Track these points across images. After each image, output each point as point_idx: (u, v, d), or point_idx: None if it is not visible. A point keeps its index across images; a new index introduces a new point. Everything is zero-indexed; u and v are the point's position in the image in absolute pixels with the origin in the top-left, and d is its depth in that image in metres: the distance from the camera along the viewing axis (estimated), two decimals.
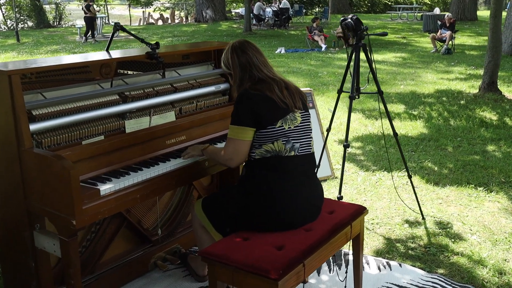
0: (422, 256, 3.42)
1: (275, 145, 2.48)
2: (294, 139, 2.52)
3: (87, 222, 2.26)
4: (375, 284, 3.07)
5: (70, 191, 2.17)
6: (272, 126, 2.47)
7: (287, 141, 2.50)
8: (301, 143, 2.55)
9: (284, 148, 2.49)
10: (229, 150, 2.52)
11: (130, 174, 2.55)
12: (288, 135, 2.51)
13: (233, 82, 2.69)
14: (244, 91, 2.53)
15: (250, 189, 2.51)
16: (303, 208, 2.53)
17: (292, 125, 2.53)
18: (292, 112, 2.54)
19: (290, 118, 2.52)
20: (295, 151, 2.52)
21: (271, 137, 2.48)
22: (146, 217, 3.24)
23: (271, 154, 2.48)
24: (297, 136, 2.54)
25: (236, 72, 2.62)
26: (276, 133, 2.48)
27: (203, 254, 2.34)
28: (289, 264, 2.21)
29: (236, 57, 2.64)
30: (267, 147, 2.48)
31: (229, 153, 2.52)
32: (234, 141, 2.50)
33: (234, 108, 2.54)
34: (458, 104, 7.98)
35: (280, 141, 2.48)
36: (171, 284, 3.10)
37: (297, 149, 2.53)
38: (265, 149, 2.48)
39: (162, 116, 3.01)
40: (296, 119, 2.55)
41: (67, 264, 2.34)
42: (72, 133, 2.61)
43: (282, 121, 2.49)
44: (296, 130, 2.54)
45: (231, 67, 2.65)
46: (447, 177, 4.89)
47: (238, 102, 2.53)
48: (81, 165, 2.46)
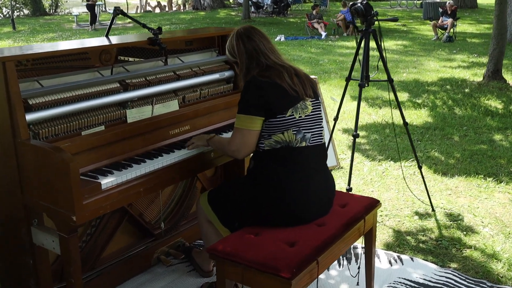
0: (434, 250, 3.31)
1: (285, 136, 2.35)
2: (305, 129, 2.39)
3: (88, 218, 2.13)
4: (386, 279, 2.96)
5: (69, 185, 2.04)
6: (282, 115, 2.34)
7: (298, 131, 2.36)
8: (312, 133, 2.42)
9: (294, 139, 2.36)
10: (236, 140, 2.39)
11: (133, 167, 2.42)
12: (299, 124, 2.38)
13: (239, 70, 2.54)
14: (252, 78, 2.39)
15: (260, 182, 2.38)
16: (315, 201, 2.40)
17: (303, 114, 2.39)
18: (303, 101, 2.40)
19: (301, 106, 2.39)
20: (306, 141, 2.39)
21: (281, 127, 2.34)
22: (148, 210, 3.11)
23: (281, 145, 2.35)
24: (308, 126, 2.41)
25: (243, 60, 2.48)
26: (286, 122, 2.35)
27: (211, 251, 2.22)
28: (302, 262, 2.09)
29: (242, 44, 2.49)
30: (277, 137, 2.35)
31: (236, 144, 2.39)
32: (242, 131, 2.36)
33: (242, 96, 2.40)
34: (462, 92, 7.85)
35: (290, 131, 2.35)
36: (175, 280, 2.98)
37: (308, 140, 2.40)
38: (274, 139, 2.35)
39: (165, 105, 2.88)
40: (307, 108, 2.42)
41: (67, 262, 2.21)
42: (71, 123, 2.47)
43: (292, 110, 2.36)
44: (307, 120, 2.41)
45: (236, 55, 2.51)
46: (455, 167, 4.78)
47: (246, 90, 2.39)
48: (80, 157, 2.32)
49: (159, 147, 2.69)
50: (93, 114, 2.58)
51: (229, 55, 2.56)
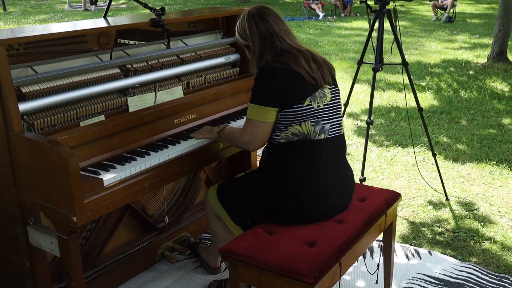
0: (452, 242, 3.15)
1: (303, 127, 2.15)
2: (324, 119, 2.20)
3: (89, 218, 1.95)
4: (405, 275, 2.80)
5: (68, 183, 1.85)
6: (299, 105, 2.14)
7: (317, 122, 2.17)
8: (331, 124, 2.23)
9: (313, 131, 2.16)
10: (248, 132, 2.19)
11: (137, 160, 2.22)
12: (318, 115, 2.18)
13: (251, 55, 2.32)
14: (266, 64, 2.18)
15: (275, 177, 2.19)
16: (335, 197, 2.22)
17: (322, 103, 2.20)
18: (321, 88, 2.21)
19: (319, 95, 2.19)
20: (325, 133, 2.20)
21: (298, 118, 2.15)
22: (151, 203, 2.93)
23: (298, 138, 2.16)
24: (327, 116, 2.22)
25: (255, 43, 2.27)
26: (304, 113, 2.15)
27: (224, 252, 2.04)
28: (325, 264, 1.92)
29: (255, 25, 2.28)
30: (294, 129, 2.16)
31: (248, 136, 2.19)
32: (254, 123, 2.17)
33: (255, 84, 2.19)
34: (467, 74, 7.67)
35: (308, 122, 2.16)
36: (181, 277, 2.81)
37: (327, 131, 2.20)
38: (291, 131, 2.16)
39: (168, 92, 2.67)
40: (325, 96, 2.22)
41: (67, 265, 2.03)
42: (68, 112, 2.28)
43: (310, 99, 2.16)
44: (326, 109, 2.21)
45: (248, 38, 2.29)
46: (465, 153, 4.61)
47: (260, 77, 2.18)
48: (80, 151, 2.13)
49: (163, 138, 2.49)
50: (92, 103, 2.38)
51: (239, 38, 2.35)
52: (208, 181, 3.33)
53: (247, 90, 3.01)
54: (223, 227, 2.45)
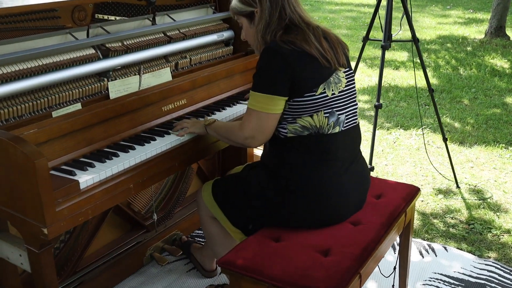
0: (467, 236, 2.89)
1: (315, 119, 1.84)
2: (339, 109, 1.88)
3: (64, 228, 1.63)
4: (421, 275, 2.54)
5: (36, 188, 1.53)
6: (311, 93, 1.81)
7: (331, 113, 1.85)
8: (347, 114, 1.91)
9: (327, 123, 1.85)
10: (251, 125, 1.85)
11: (119, 156, 1.90)
12: (332, 104, 1.86)
13: (254, 25, 1.93)
14: (273, 45, 1.83)
15: (282, 177, 1.88)
16: (351, 197, 1.93)
17: (336, 90, 1.88)
18: (336, 72, 1.88)
19: (334, 80, 1.87)
20: (340, 125, 1.88)
21: (310, 109, 1.82)
22: (137, 199, 2.62)
23: (309, 132, 1.84)
24: (343, 105, 1.90)
25: (264, 8, 1.87)
26: (316, 102, 1.83)
27: (223, 265, 1.74)
28: (344, 278, 1.63)
29: None
30: (304, 121, 1.84)
31: (251, 130, 1.85)
32: (259, 115, 1.83)
33: (259, 68, 1.84)
34: (464, 51, 7.39)
35: (321, 113, 1.84)
36: (173, 282, 2.52)
37: (342, 123, 1.89)
38: (300, 124, 1.84)
39: (155, 75, 2.35)
40: (340, 82, 1.90)
41: (39, 282, 1.72)
42: (38, 101, 1.95)
43: (324, 86, 1.84)
44: (341, 97, 1.89)
45: (256, 2, 1.90)
46: (471, 135, 4.35)
47: (265, 60, 1.83)
48: (52, 146, 1.81)
49: (150, 128, 2.17)
50: (66, 89, 2.05)
51: (240, 4, 1.96)
52: (199, 172, 3.03)
53: (243, 71, 2.69)
54: (219, 229, 2.15)
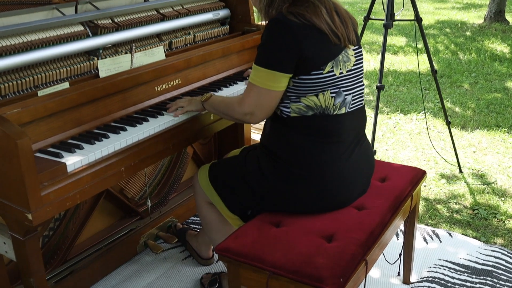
0: (472, 221, 2.80)
1: (321, 99, 1.72)
2: (346, 89, 1.76)
3: (50, 214, 1.52)
4: (425, 262, 2.45)
5: (19, 170, 1.42)
6: (318, 71, 1.70)
7: (338, 94, 1.74)
8: (353, 95, 1.80)
9: (332, 104, 1.74)
10: (251, 101, 1.73)
11: (110, 137, 1.79)
12: (339, 84, 1.74)
13: None
14: (281, 17, 1.69)
15: (284, 160, 1.77)
16: (356, 181, 1.83)
17: (345, 69, 1.76)
18: (345, 50, 1.76)
19: (342, 58, 1.75)
20: (347, 106, 1.77)
21: (316, 87, 1.71)
22: (130, 184, 2.51)
23: (314, 112, 1.73)
24: (350, 85, 1.78)
25: None
26: (323, 81, 1.71)
27: (221, 251, 1.64)
28: (349, 265, 1.53)
29: None
30: (309, 101, 1.73)
31: (251, 105, 1.74)
32: (260, 91, 1.71)
33: (263, 42, 1.71)
34: (463, 36, 7.28)
35: (327, 93, 1.72)
36: (168, 270, 2.42)
37: (348, 104, 1.78)
38: (305, 103, 1.73)
39: (147, 53, 2.23)
40: (349, 60, 1.78)
41: (25, 271, 1.62)
42: (23, 79, 1.83)
43: (332, 64, 1.72)
44: (348, 77, 1.77)
45: None
46: (472, 120, 4.26)
47: (270, 33, 1.69)
48: (37, 127, 1.69)
49: (143, 109, 2.06)
50: (52, 67, 1.94)
51: None
52: (195, 157, 2.92)
53: (240, 50, 2.57)
54: (216, 215, 2.05)
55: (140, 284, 2.33)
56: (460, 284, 2.29)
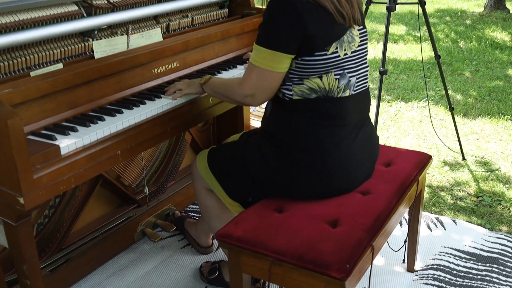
0: (476, 209, 2.75)
1: (324, 81, 1.66)
2: (350, 71, 1.70)
3: (43, 197, 1.46)
4: (429, 249, 2.40)
5: (10, 152, 1.35)
6: (322, 52, 1.63)
7: (342, 75, 1.67)
8: (358, 77, 1.73)
9: (337, 86, 1.67)
10: (252, 82, 1.66)
11: (105, 120, 1.73)
12: (344, 66, 1.68)
13: None
14: None
15: (286, 143, 1.71)
16: (361, 165, 1.76)
17: (349, 50, 1.69)
18: (350, 30, 1.69)
19: (347, 39, 1.68)
20: (351, 89, 1.71)
21: (320, 69, 1.64)
22: (128, 171, 2.45)
23: (317, 95, 1.67)
24: (354, 67, 1.71)
25: None
26: (327, 63, 1.64)
27: (222, 237, 1.58)
28: (355, 251, 1.48)
29: None
30: (312, 83, 1.66)
31: (251, 87, 1.67)
32: (261, 72, 1.64)
33: (265, 21, 1.64)
34: (464, 24, 7.21)
35: (331, 74, 1.66)
36: (166, 259, 2.36)
37: (352, 86, 1.71)
38: (308, 86, 1.66)
39: (144, 35, 2.16)
40: (354, 41, 1.71)
41: (18, 258, 1.55)
42: (14, 60, 1.76)
43: (337, 45, 1.65)
44: (353, 58, 1.71)
45: None
46: (474, 107, 4.20)
47: (273, 12, 1.62)
48: (29, 109, 1.62)
49: (140, 92, 1.99)
50: (45, 48, 1.86)
51: None
52: (194, 144, 2.85)
53: (239, 34, 2.50)
54: (215, 201, 1.98)
55: (137, 273, 2.27)
56: (466, 271, 2.24)
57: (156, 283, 2.21)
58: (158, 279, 2.23)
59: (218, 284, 2.16)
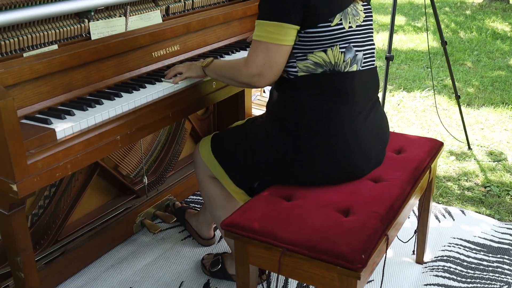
0: (485, 199, 2.67)
1: (329, 55, 1.58)
2: (356, 45, 1.62)
3: (37, 185, 1.37)
4: (438, 241, 2.32)
5: (2, 135, 1.26)
6: (326, 23, 1.55)
7: (348, 49, 1.60)
8: (364, 53, 1.66)
9: (342, 60, 1.59)
10: (258, 60, 1.57)
11: (103, 104, 1.63)
12: (349, 39, 1.60)
13: None
14: None
15: (293, 124, 1.62)
16: (372, 148, 1.68)
17: (354, 23, 1.62)
18: (354, 3, 1.62)
19: (351, 11, 1.61)
20: (358, 64, 1.63)
21: (324, 42, 1.57)
22: (126, 161, 2.36)
23: (323, 69, 1.59)
24: (360, 42, 1.64)
25: None
26: (331, 35, 1.57)
27: (228, 227, 1.49)
28: (371, 240, 1.39)
29: None
30: (316, 57, 1.58)
31: (259, 65, 1.57)
32: (267, 47, 1.56)
33: None
34: (463, 14, 7.13)
35: (337, 47, 1.58)
36: (167, 251, 2.27)
37: (360, 62, 1.63)
38: (313, 60, 1.58)
39: (143, 18, 2.06)
40: (358, 15, 1.64)
41: (11, 250, 1.46)
42: (6, 41, 1.66)
43: (341, 16, 1.58)
44: (358, 32, 1.64)
45: None
46: (477, 97, 4.12)
47: None
48: (23, 91, 1.53)
49: (139, 76, 1.90)
50: (39, 29, 1.76)
51: None
52: (193, 133, 2.76)
53: (242, 17, 2.41)
54: (220, 190, 1.90)
55: (137, 266, 2.18)
56: (477, 263, 2.17)
57: (156, 276, 2.12)
58: (158, 272, 2.15)
59: (221, 277, 2.07)
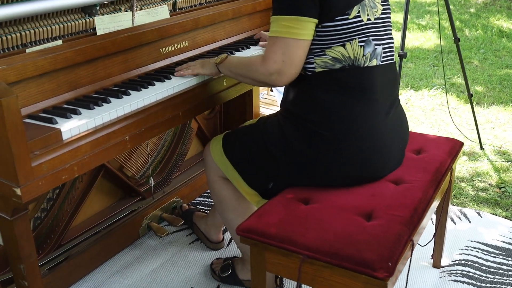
0: (500, 200, 2.60)
1: (348, 49, 1.50)
2: (376, 38, 1.55)
3: (42, 188, 1.29)
4: (455, 243, 2.24)
5: (5, 136, 1.18)
6: (344, 16, 1.48)
7: (367, 42, 1.52)
8: (384, 47, 1.58)
9: (362, 54, 1.52)
10: (277, 56, 1.49)
11: (111, 102, 1.55)
12: (368, 32, 1.53)
13: None
14: None
15: (310, 122, 1.54)
16: (393, 146, 1.60)
17: (372, 16, 1.54)
18: None
19: (369, 3, 1.54)
20: (378, 58, 1.55)
21: (342, 36, 1.49)
22: (131, 161, 2.28)
23: (342, 64, 1.51)
24: (379, 35, 1.57)
25: None
26: (350, 28, 1.49)
27: (244, 232, 1.41)
28: (396, 247, 1.31)
29: None
30: (335, 52, 1.50)
31: (277, 62, 1.48)
32: (286, 42, 1.47)
33: None
34: (468, 12, 7.05)
35: (356, 41, 1.50)
36: (174, 255, 2.19)
37: (379, 56, 1.56)
38: (331, 56, 1.50)
39: (150, 13, 1.98)
40: (376, 7, 1.56)
41: (14, 257, 1.38)
42: (8, 36, 1.58)
43: (359, 8, 1.50)
44: (377, 25, 1.56)
45: None
46: (486, 96, 4.05)
47: None
48: (26, 89, 1.45)
49: (147, 73, 1.81)
50: (43, 24, 1.68)
51: None
52: (200, 133, 2.68)
53: (251, 13, 2.33)
54: (231, 191, 1.81)
55: (143, 271, 2.10)
56: (496, 267, 2.09)
57: (164, 281, 2.04)
58: (166, 277, 2.07)
59: (232, 283, 1.99)
